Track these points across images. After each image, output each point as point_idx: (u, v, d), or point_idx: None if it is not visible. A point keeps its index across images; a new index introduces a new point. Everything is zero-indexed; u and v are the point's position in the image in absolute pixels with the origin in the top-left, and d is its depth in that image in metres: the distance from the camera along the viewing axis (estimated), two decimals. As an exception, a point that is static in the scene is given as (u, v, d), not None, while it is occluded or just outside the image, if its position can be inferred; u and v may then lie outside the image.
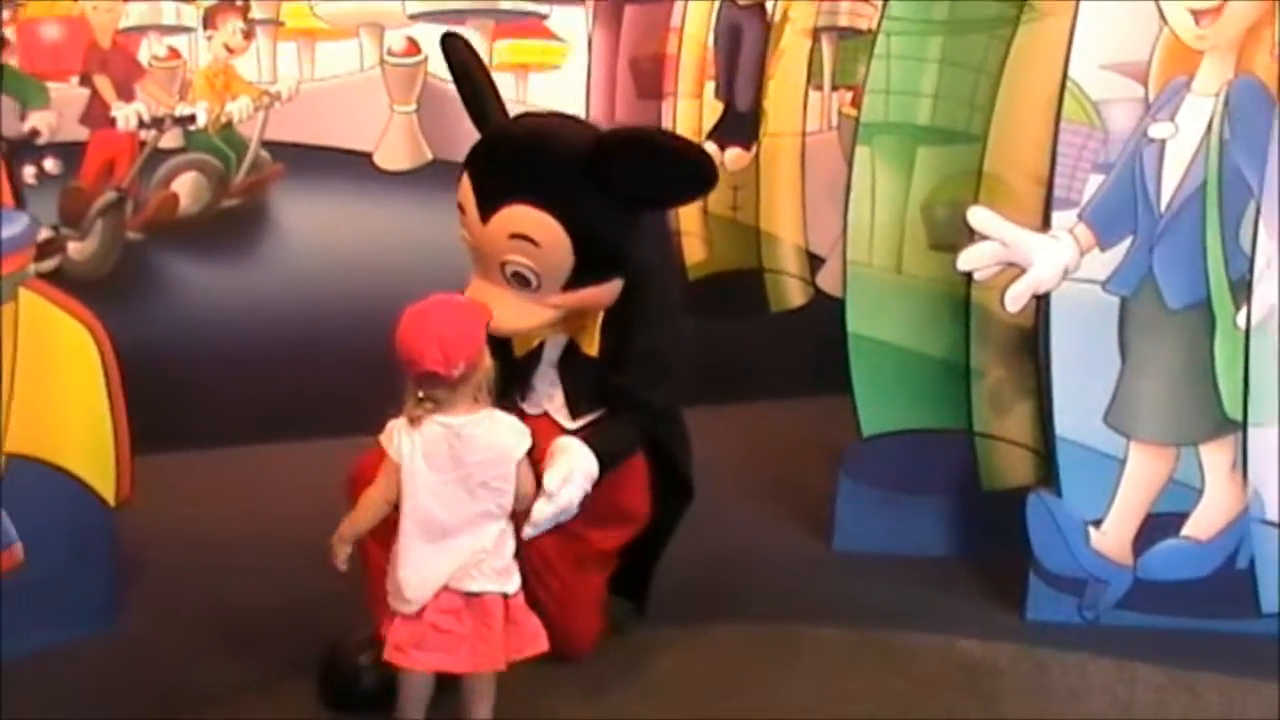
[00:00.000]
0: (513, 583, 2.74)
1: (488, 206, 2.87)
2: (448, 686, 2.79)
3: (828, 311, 5.02)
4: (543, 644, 2.77)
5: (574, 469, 2.77)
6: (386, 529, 2.78)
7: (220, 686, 3.03)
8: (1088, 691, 3.10)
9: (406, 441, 2.68)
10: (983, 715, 3.00)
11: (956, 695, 3.08)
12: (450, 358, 2.62)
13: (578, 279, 2.90)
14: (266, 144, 4.80)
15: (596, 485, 2.84)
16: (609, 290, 2.96)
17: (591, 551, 3.10)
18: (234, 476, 4.13)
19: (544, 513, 2.75)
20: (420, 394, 2.66)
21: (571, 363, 3.06)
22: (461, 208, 2.93)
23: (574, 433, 2.99)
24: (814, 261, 5.20)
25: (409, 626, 2.71)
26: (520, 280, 2.89)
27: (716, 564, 3.65)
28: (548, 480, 2.74)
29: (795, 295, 5.25)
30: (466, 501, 2.69)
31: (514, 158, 2.90)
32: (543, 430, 2.91)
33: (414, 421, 2.67)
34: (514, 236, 2.85)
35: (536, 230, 2.84)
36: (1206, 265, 3.23)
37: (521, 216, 2.84)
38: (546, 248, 2.85)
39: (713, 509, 3.64)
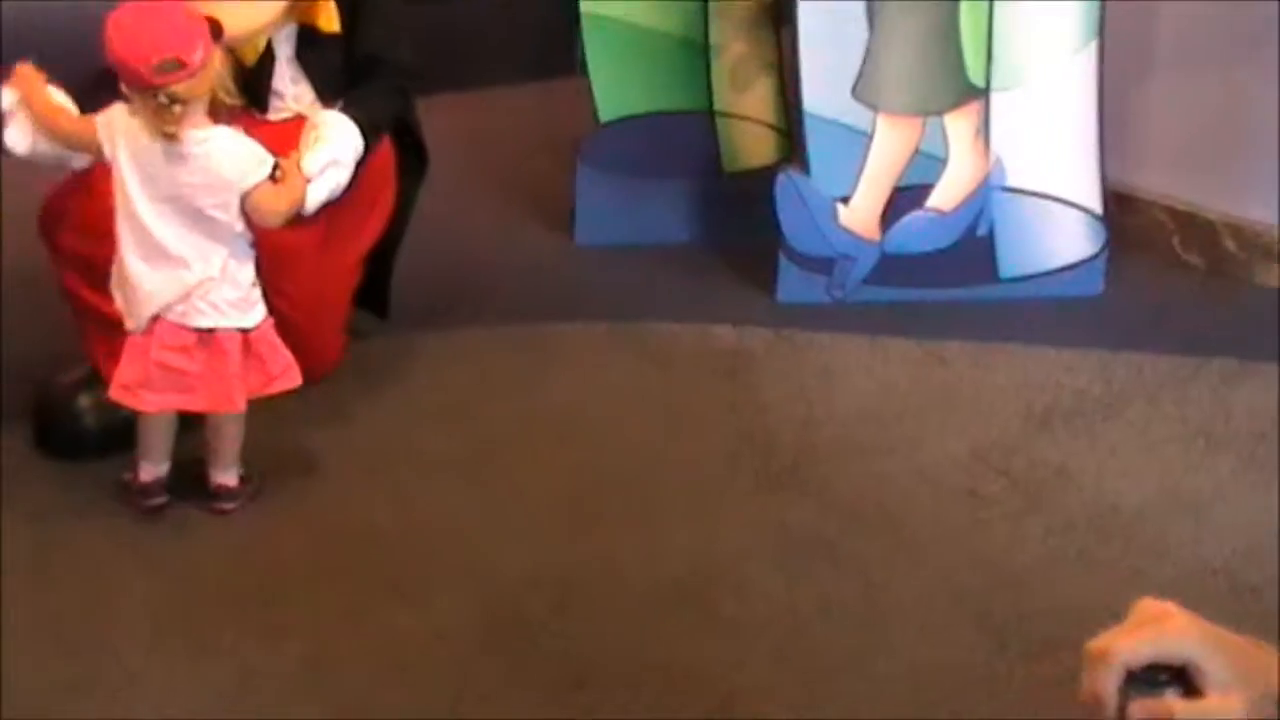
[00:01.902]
0: (251, 316, 2.48)
1: None
2: (194, 425, 2.57)
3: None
4: (293, 379, 2.54)
5: (337, 147, 2.51)
6: (91, 267, 2.54)
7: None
8: (845, 371, 3.09)
9: (121, 141, 2.37)
10: (742, 400, 2.97)
11: (715, 382, 3.04)
12: (188, 40, 2.27)
13: None
14: None
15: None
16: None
17: (345, 256, 2.87)
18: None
19: (313, 196, 2.47)
20: (163, 98, 2.30)
21: (310, 50, 2.76)
22: None
23: None
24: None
25: (136, 365, 2.45)
26: None
27: (456, 265, 3.48)
28: (308, 163, 2.46)
29: (508, -26, 4.93)
30: (186, 224, 2.40)
31: None
32: (300, 130, 2.64)
33: (149, 130, 2.34)
34: None
35: None
36: (952, -73, 3.13)
37: None
38: None
39: (446, 207, 3.47)
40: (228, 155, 2.37)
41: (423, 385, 2.99)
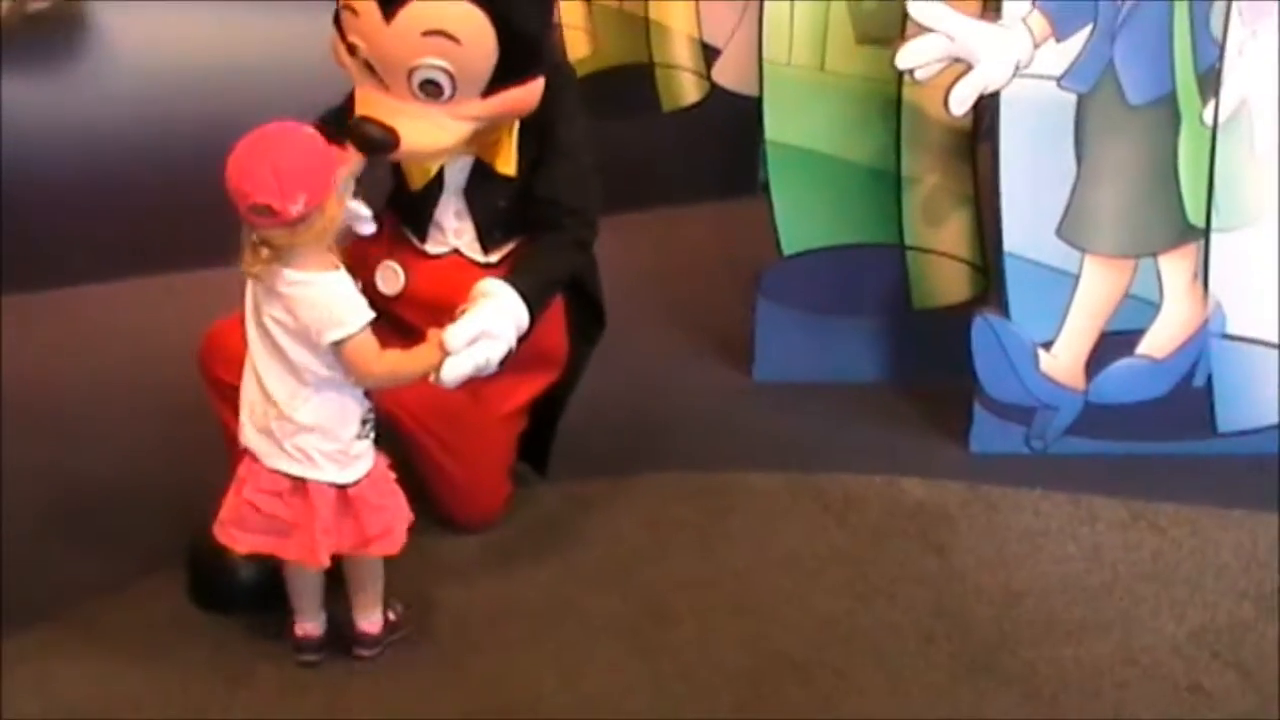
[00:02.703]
0: (348, 473, 2.31)
1: (390, 1, 2.39)
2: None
3: (724, 108, 4.64)
4: (392, 545, 2.37)
5: (491, 320, 2.36)
6: None
7: (72, 585, 2.63)
8: (1046, 534, 2.83)
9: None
10: (936, 568, 2.73)
11: (906, 546, 2.80)
12: (287, 190, 2.11)
13: (498, 80, 2.45)
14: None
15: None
16: (532, 91, 2.51)
17: (504, 406, 2.72)
18: (71, 325, 3.64)
19: (452, 372, 2.33)
20: (255, 238, 2.19)
21: (481, 186, 2.61)
22: (350, 9, 2.44)
23: (492, 268, 2.59)
24: (709, 53, 4.76)
25: (235, 502, 2.33)
26: (432, 90, 2.43)
27: (625, 405, 3.29)
28: (451, 337, 2.31)
29: (690, 91, 4.79)
30: (277, 362, 2.26)
31: None
32: (455, 270, 2.55)
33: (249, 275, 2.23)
34: (428, 34, 2.38)
35: (456, 22, 2.38)
36: (1172, 55, 2.89)
37: (437, 8, 2.38)
38: (467, 43, 2.40)
39: (614, 339, 3.29)
40: (313, 303, 2.20)
41: (590, 538, 2.81)
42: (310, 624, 2.46)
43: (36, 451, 3.00)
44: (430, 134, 2.47)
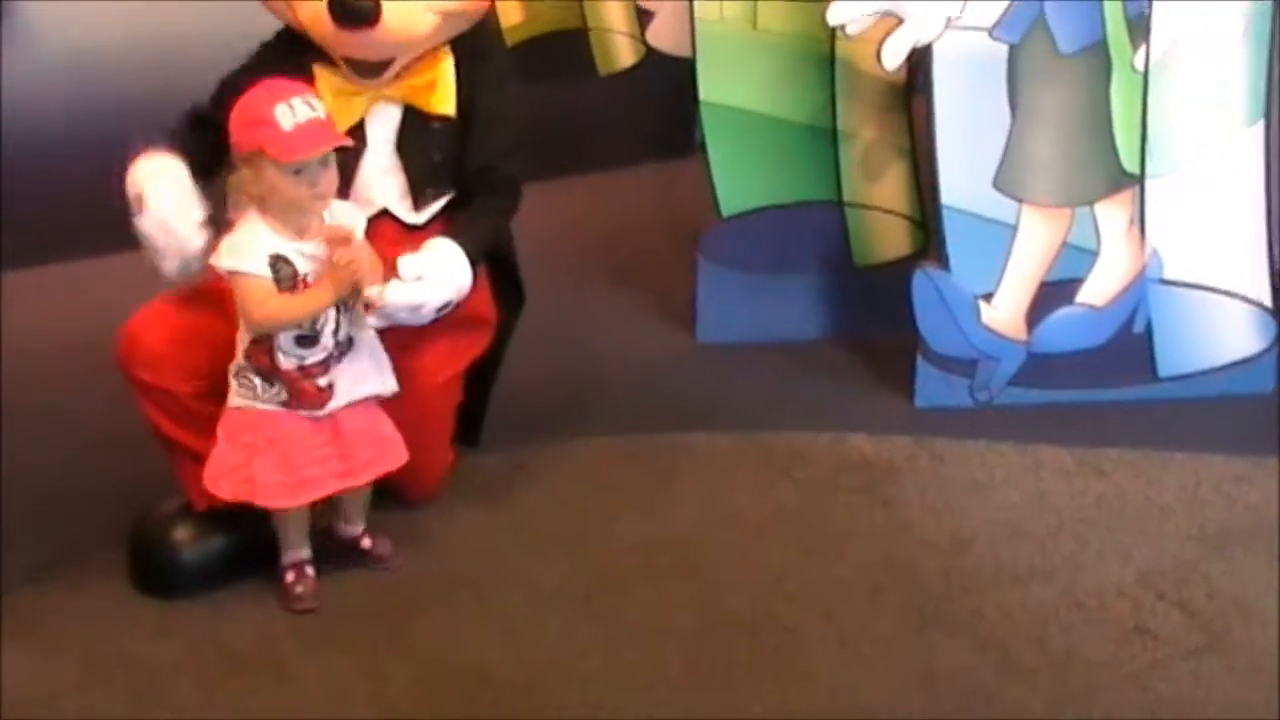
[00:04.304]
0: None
1: None
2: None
3: (660, 70, 4.61)
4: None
5: (438, 269, 2.38)
6: (173, 399, 2.48)
7: (16, 568, 2.58)
8: (993, 484, 2.84)
9: None
10: (883, 521, 2.73)
11: (854, 499, 2.80)
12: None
13: None
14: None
15: None
16: None
17: (439, 375, 2.69)
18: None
19: (394, 295, 2.36)
20: None
21: (413, 136, 2.54)
22: None
23: (421, 229, 2.56)
24: (642, 17, 4.72)
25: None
26: None
27: (566, 367, 3.29)
28: (402, 262, 2.34)
29: (625, 55, 4.76)
30: None
31: None
32: (382, 235, 2.48)
33: None
34: None
35: None
36: (1102, 2, 2.89)
37: None
38: None
39: (556, 302, 3.28)
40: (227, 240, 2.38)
41: (536, 505, 2.80)
42: (304, 550, 2.51)
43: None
44: (410, 13, 2.41)
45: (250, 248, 2.33)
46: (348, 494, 2.54)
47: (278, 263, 2.33)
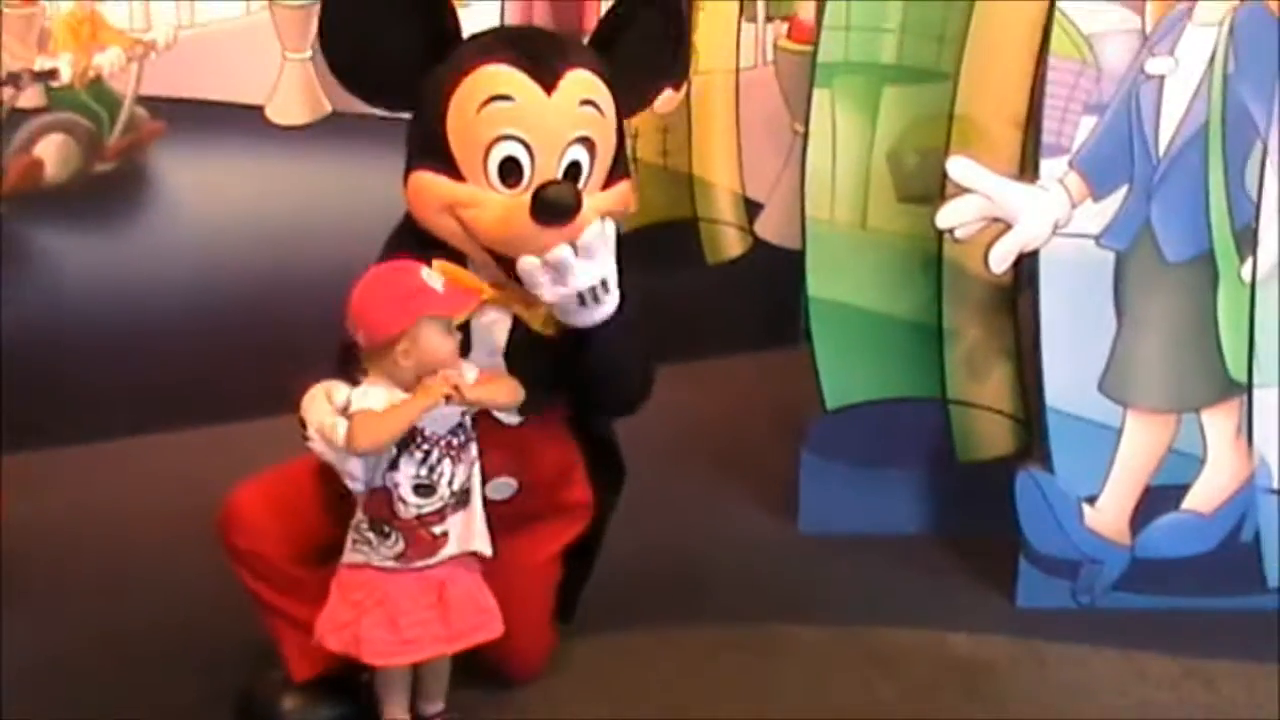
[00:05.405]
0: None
1: (549, 74, 2.45)
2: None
3: (768, 261, 4.73)
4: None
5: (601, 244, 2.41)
6: (271, 566, 2.54)
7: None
8: (1097, 689, 2.81)
9: None
10: (984, 723, 2.71)
11: (953, 700, 2.78)
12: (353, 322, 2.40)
13: (613, 170, 2.55)
14: (142, 100, 4.26)
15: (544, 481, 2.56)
16: (628, 193, 2.61)
17: (537, 555, 2.74)
18: (115, 476, 3.70)
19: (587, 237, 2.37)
20: None
21: (523, 347, 2.54)
22: (503, 98, 2.43)
23: (517, 429, 2.61)
24: (751, 208, 4.86)
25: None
26: (573, 172, 2.48)
27: (668, 555, 3.32)
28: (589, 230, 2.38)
29: (733, 245, 4.90)
30: None
31: (543, 33, 2.66)
32: (483, 438, 2.52)
33: None
34: (584, 103, 2.47)
35: (599, 92, 2.49)
36: (1209, 214, 2.94)
37: (587, 80, 2.48)
38: (607, 115, 2.51)
39: (658, 489, 3.32)
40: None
41: (638, 690, 2.81)
42: (404, 716, 2.55)
43: (79, 604, 3.04)
44: (591, 210, 2.43)
45: (373, 397, 2.39)
46: (431, 666, 2.55)
47: None
